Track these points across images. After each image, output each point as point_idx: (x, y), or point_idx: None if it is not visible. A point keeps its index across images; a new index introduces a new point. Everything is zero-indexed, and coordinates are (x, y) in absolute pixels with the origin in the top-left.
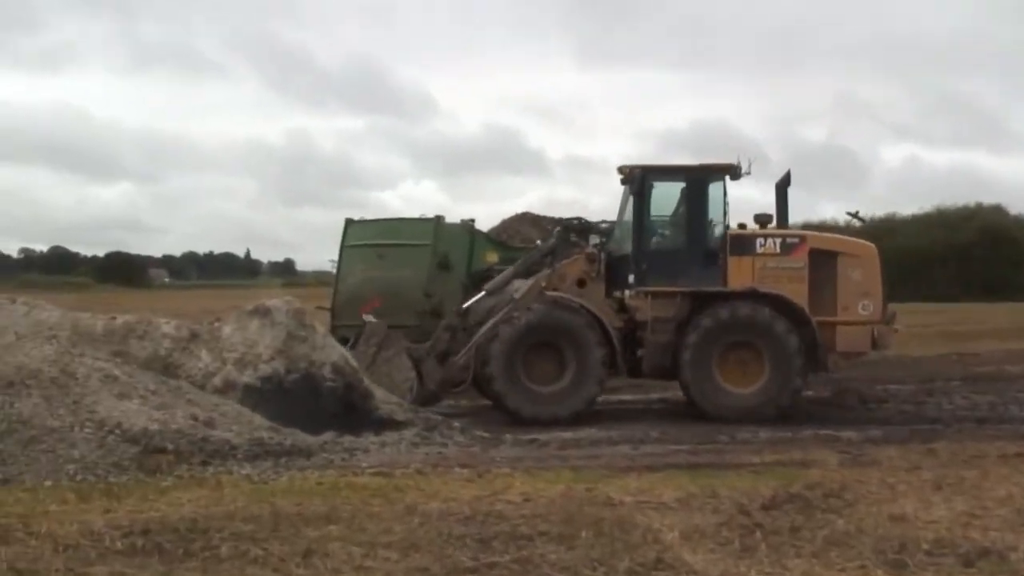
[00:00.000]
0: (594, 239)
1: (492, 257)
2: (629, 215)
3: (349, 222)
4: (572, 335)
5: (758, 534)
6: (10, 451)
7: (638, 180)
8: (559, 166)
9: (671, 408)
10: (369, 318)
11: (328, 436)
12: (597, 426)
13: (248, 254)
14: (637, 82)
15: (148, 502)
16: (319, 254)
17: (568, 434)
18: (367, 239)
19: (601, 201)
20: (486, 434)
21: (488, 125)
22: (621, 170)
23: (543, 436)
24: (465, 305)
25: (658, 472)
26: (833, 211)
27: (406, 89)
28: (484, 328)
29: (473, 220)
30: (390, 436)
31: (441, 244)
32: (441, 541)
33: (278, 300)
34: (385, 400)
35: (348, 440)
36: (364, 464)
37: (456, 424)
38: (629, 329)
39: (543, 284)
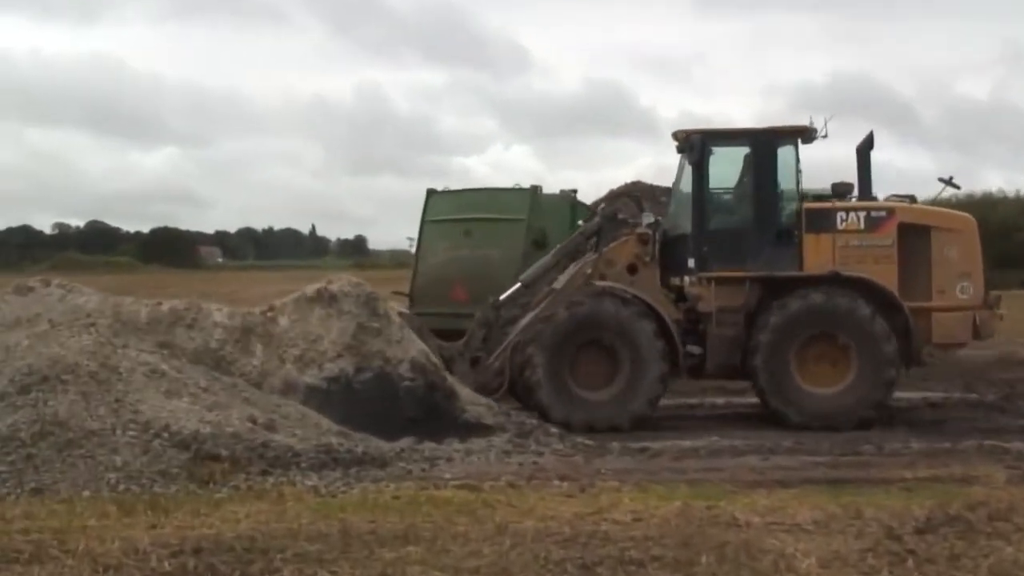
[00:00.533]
0: (647, 217)
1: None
2: (687, 188)
3: (431, 193)
4: (625, 331)
5: (910, 562)
6: (44, 456)
7: (697, 147)
8: (673, 128)
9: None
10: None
11: (406, 443)
12: (719, 433)
13: (313, 231)
14: (764, 28)
15: (200, 517)
16: (395, 230)
17: (686, 442)
18: (451, 213)
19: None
20: (589, 441)
21: (590, 80)
22: (676, 136)
23: (656, 444)
24: (503, 296)
25: (792, 488)
26: (1000, 180)
27: (494, 38)
28: (519, 326)
29: (574, 191)
30: (477, 443)
31: (537, 218)
32: (537, 566)
33: (345, 283)
34: (472, 401)
35: (429, 448)
36: (447, 475)
37: (554, 430)
38: (689, 322)
39: (588, 272)
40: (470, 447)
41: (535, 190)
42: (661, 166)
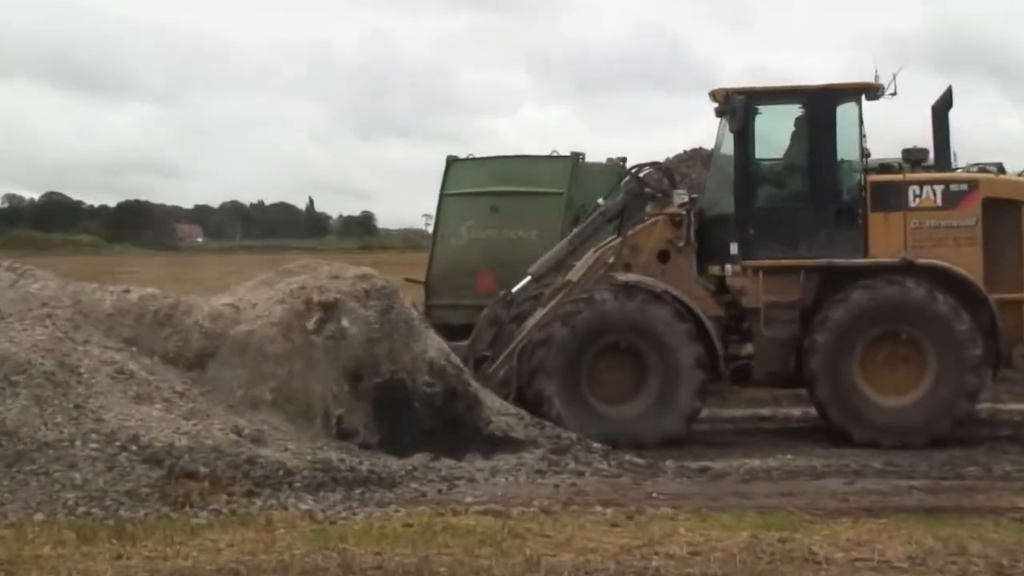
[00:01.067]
0: (680, 194)
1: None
2: (728, 158)
3: (451, 162)
4: (653, 333)
5: None
6: None
7: (739, 109)
8: (738, 82)
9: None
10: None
11: (420, 459)
12: (794, 450)
13: (311, 205)
14: None
15: (174, 546)
16: (408, 206)
17: (755, 461)
18: (476, 185)
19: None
20: (639, 460)
21: (638, 27)
22: (714, 96)
23: (718, 464)
24: (516, 289)
25: (881, 518)
26: None
27: None
28: (526, 326)
29: (623, 159)
30: (505, 460)
31: (580, 192)
32: None
33: (346, 268)
34: (500, 411)
35: (448, 465)
36: (469, 499)
37: (597, 445)
38: (732, 320)
39: (609, 261)
40: (496, 465)
41: (577, 158)
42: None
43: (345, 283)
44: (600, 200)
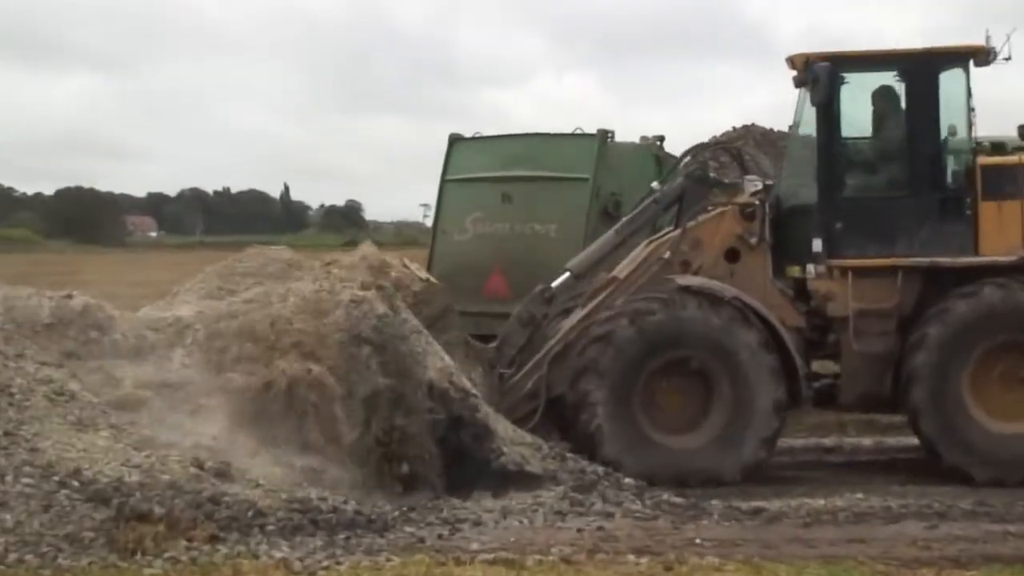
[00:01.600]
0: (753, 181)
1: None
2: (809, 137)
3: (455, 141)
4: (721, 347)
5: None
6: None
7: (823, 79)
8: (796, 46)
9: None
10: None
11: (418, 498)
12: (865, 488)
13: (286, 193)
14: None
15: None
16: (402, 195)
17: (818, 502)
18: (485, 169)
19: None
20: (679, 499)
21: None
22: (793, 62)
23: (774, 504)
24: (556, 283)
25: (970, 569)
26: None
27: None
28: (561, 331)
29: (660, 139)
30: (519, 500)
31: (608, 178)
32: None
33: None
34: (514, 440)
35: (451, 505)
36: (475, 546)
37: (629, 481)
38: (815, 331)
39: (664, 256)
40: (508, 505)
41: (604, 137)
42: (780, 104)
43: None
44: (654, 184)
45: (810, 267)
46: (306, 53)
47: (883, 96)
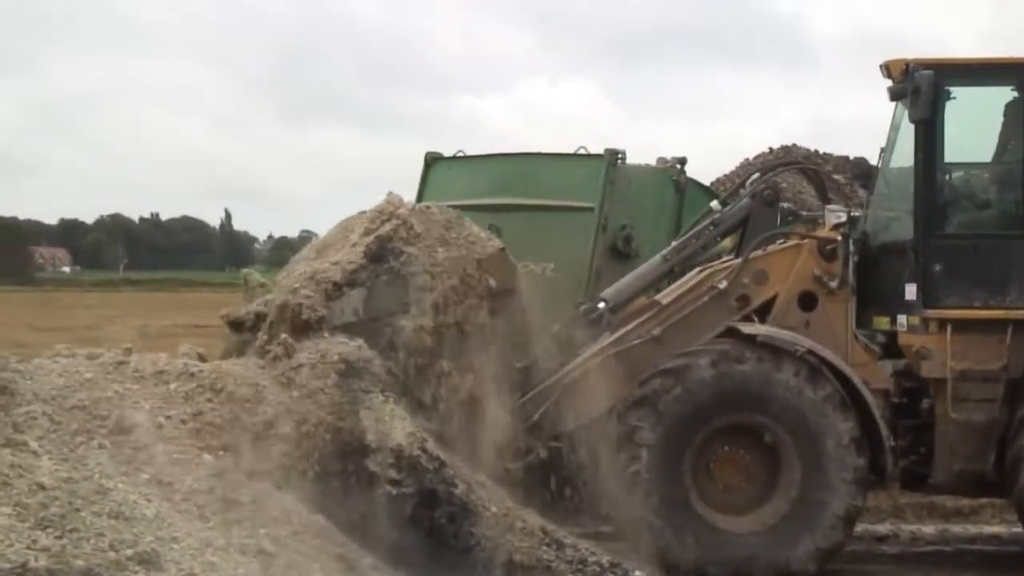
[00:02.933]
0: (836, 212)
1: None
2: (905, 161)
3: (432, 161)
4: (793, 411)
5: None
6: None
7: (925, 91)
8: (838, 51)
9: None
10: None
11: None
12: None
13: (227, 221)
14: None
15: None
16: None
17: None
18: (468, 195)
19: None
20: None
21: None
22: (889, 70)
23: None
24: (601, 304)
25: None
26: None
27: None
28: (576, 360)
29: (682, 161)
30: None
31: (619, 207)
32: None
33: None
34: (500, 519)
35: None
36: None
37: (639, 574)
38: (906, 395)
39: (720, 287)
40: None
41: (614, 159)
42: (821, 119)
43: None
44: (714, 204)
45: (901, 318)
46: (242, 52)
47: (1014, 113)
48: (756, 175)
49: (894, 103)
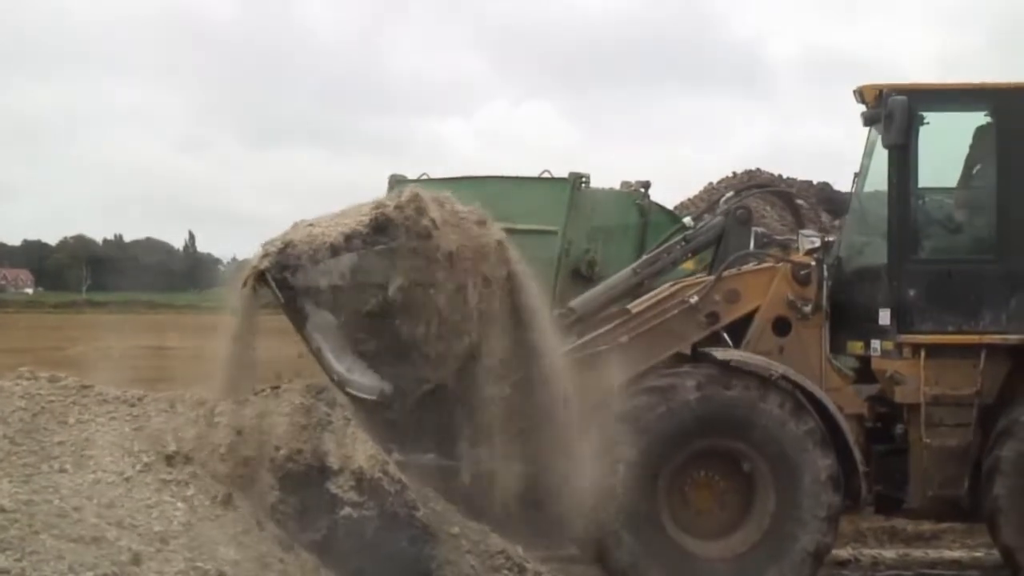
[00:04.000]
0: (809, 237)
1: (687, 261)
2: (879, 186)
3: (396, 183)
4: (765, 437)
5: None
6: None
7: (898, 115)
8: (795, 72)
9: None
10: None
11: None
12: None
13: (191, 243)
14: None
15: None
16: None
17: None
18: None
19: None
20: None
21: None
22: (862, 94)
23: None
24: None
25: None
26: None
27: None
28: None
29: (646, 185)
30: None
31: (582, 232)
32: None
33: None
34: (464, 543)
35: None
36: None
37: None
38: (880, 420)
39: (691, 301)
40: None
41: (578, 182)
42: (781, 144)
43: None
44: (687, 220)
45: (875, 343)
46: (205, 74)
47: (984, 138)
48: (730, 194)
49: (867, 128)
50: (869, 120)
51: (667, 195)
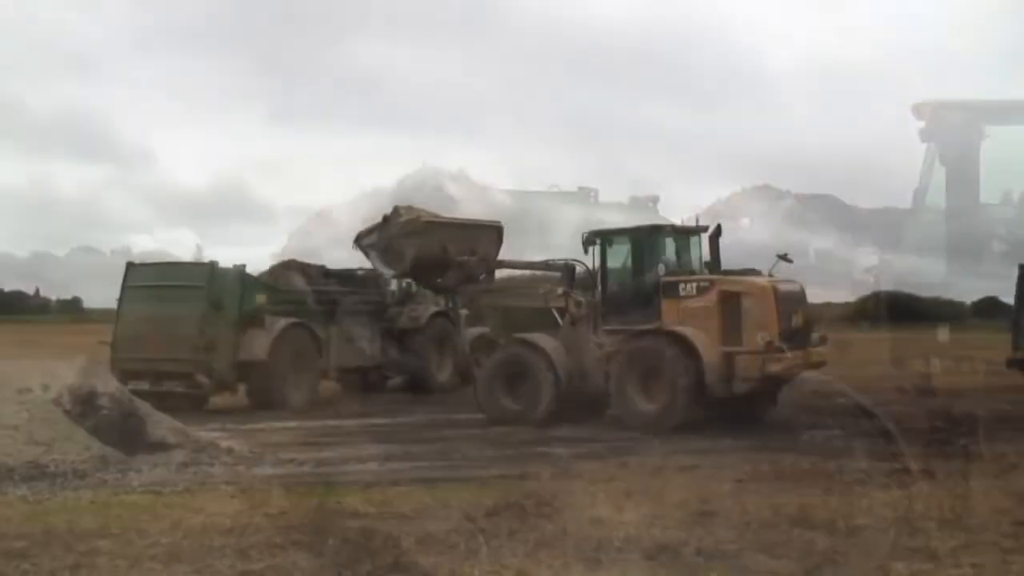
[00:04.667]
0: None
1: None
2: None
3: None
4: None
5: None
6: None
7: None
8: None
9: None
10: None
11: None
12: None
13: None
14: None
15: None
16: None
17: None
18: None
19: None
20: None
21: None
22: (919, 112)
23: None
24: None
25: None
26: None
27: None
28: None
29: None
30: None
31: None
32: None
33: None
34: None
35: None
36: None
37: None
38: None
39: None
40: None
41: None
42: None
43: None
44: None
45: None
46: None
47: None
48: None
49: (924, 144)
50: (927, 136)
51: (675, 210)
